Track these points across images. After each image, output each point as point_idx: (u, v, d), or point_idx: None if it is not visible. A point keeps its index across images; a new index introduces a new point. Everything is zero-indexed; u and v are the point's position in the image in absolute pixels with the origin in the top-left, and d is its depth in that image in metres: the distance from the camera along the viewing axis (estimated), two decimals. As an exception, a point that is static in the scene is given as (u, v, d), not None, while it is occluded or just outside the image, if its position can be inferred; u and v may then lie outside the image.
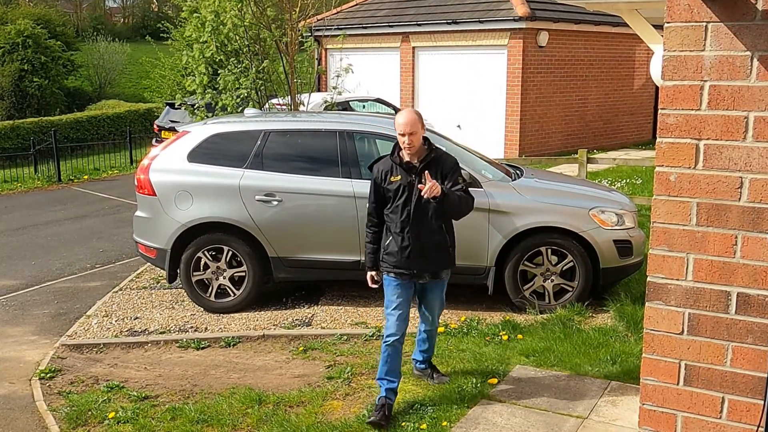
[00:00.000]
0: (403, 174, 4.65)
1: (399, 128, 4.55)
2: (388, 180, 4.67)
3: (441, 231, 4.73)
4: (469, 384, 5.14)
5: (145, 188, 7.16)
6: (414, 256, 4.67)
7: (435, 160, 4.67)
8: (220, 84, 10.37)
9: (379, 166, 4.76)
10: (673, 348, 2.60)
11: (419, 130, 4.57)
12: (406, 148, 4.58)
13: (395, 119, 4.58)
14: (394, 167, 4.68)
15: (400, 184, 4.64)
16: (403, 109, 4.63)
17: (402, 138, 4.56)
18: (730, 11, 2.35)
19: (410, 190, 4.62)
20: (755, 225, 2.41)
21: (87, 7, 44.52)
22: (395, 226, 4.68)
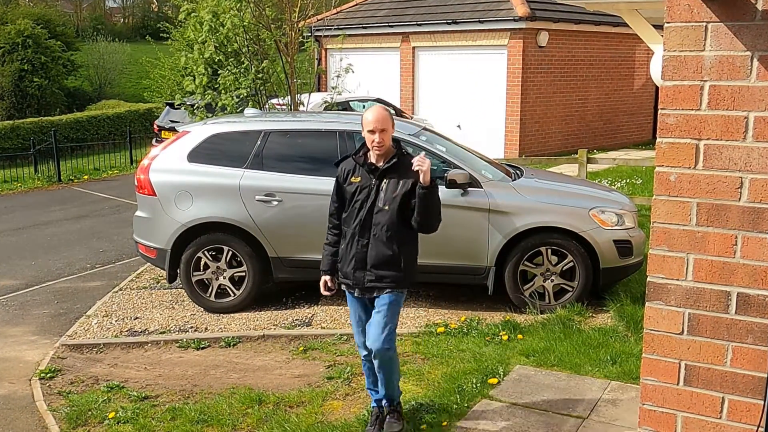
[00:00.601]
0: (364, 176, 4.26)
1: (368, 125, 4.12)
2: (348, 180, 4.31)
3: (392, 245, 4.22)
4: (469, 384, 5.14)
5: (145, 188, 7.16)
6: (357, 267, 4.27)
7: (402, 165, 4.21)
8: (219, 84, 10.37)
9: (344, 164, 4.40)
10: (673, 348, 2.60)
11: (390, 128, 4.17)
12: (374, 148, 4.16)
13: (363, 116, 4.18)
14: (357, 168, 4.30)
15: (358, 187, 4.25)
16: (371, 106, 4.27)
17: (371, 136, 4.14)
18: (730, 11, 2.35)
19: (367, 195, 4.21)
20: (755, 225, 2.41)
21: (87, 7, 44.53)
22: (348, 232, 4.30)
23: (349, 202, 4.28)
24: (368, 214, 4.20)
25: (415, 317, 6.84)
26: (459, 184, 6.66)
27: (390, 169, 4.21)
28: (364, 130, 4.16)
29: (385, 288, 4.28)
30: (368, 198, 4.21)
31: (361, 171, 4.28)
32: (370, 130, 4.13)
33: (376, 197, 4.20)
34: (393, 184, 4.19)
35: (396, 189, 4.18)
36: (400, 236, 4.25)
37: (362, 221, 4.22)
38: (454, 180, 6.63)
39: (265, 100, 10.53)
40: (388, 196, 4.19)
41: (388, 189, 4.19)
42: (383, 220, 4.19)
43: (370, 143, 4.16)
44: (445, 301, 7.25)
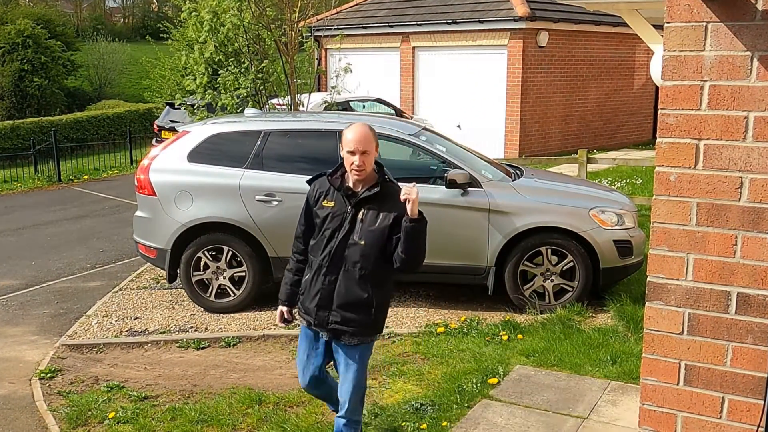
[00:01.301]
0: (339, 201, 3.70)
1: (348, 145, 3.59)
2: (319, 203, 3.75)
3: (365, 285, 3.68)
4: (469, 384, 5.14)
5: (145, 188, 7.16)
6: (320, 305, 3.70)
7: (385, 194, 3.67)
8: (219, 84, 10.38)
9: (317, 183, 3.84)
10: (673, 348, 2.60)
11: (373, 150, 3.64)
12: (353, 171, 3.61)
13: (343, 134, 3.65)
14: (331, 190, 3.74)
15: (330, 213, 3.69)
16: (353, 123, 3.71)
17: (350, 157, 3.59)
18: (730, 11, 2.35)
19: (340, 224, 3.66)
20: (755, 225, 2.40)
21: (87, 7, 44.53)
22: (314, 262, 3.75)
23: (319, 228, 3.74)
24: (340, 246, 3.65)
25: (415, 317, 6.84)
26: (459, 184, 6.66)
27: (370, 198, 3.66)
28: (343, 149, 3.63)
29: (351, 334, 3.72)
30: (341, 228, 3.66)
31: (336, 195, 3.71)
32: (350, 151, 3.59)
33: (351, 228, 3.65)
34: (372, 216, 3.64)
35: (375, 222, 3.64)
36: (376, 276, 3.70)
37: (332, 253, 3.66)
38: (454, 180, 6.63)
39: (265, 100, 10.54)
40: (365, 229, 3.64)
41: (366, 221, 3.64)
42: (357, 255, 3.64)
43: (349, 165, 3.62)
44: (445, 301, 7.25)
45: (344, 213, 3.67)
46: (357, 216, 3.66)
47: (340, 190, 3.71)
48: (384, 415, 4.78)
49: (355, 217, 3.66)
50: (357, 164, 3.59)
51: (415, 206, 3.54)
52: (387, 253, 3.66)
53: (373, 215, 3.65)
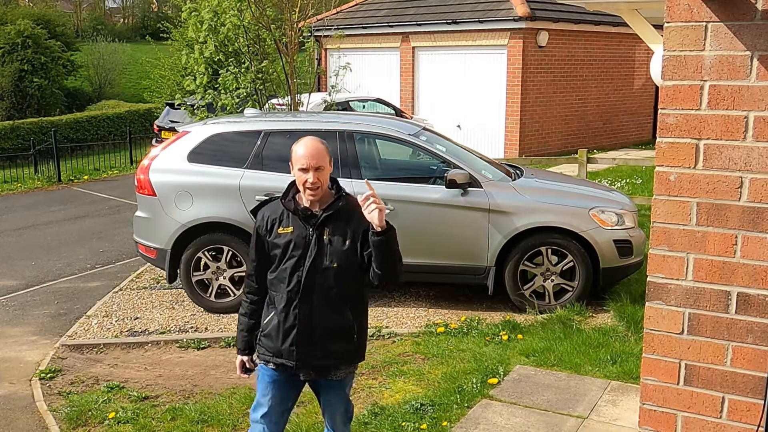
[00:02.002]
0: (298, 225, 3.32)
1: (299, 161, 3.24)
2: (275, 232, 3.35)
3: (343, 309, 3.32)
4: (469, 384, 5.14)
5: (145, 188, 7.16)
6: (300, 342, 3.30)
7: (345, 211, 3.32)
8: (220, 84, 10.38)
9: (265, 211, 3.43)
10: (673, 348, 2.60)
11: (327, 165, 3.29)
12: (308, 190, 3.26)
13: (293, 149, 3.30)
14: (285, 215, 3.36)
15: (291, 240, 3.30)
16: (302, 138, 3.35)
17: (303, 175, 3.24)
18: (729, 11, 2.35)
19: (305, 249, 3.28)
20: (755, 225, 2.40)
21: (87, 8, 44.55)
22: (279, 297, 3.33)
23: (280, 259, 3.32)
24: (310, 273, 3.27)
25: (415, 317, 6.84)
26: (459, 184, 6.66)
27: (333, 217, 3.31)
28: (294, 167, 3.28)
29: (338, 366, 3.39)
30: (308, 253, 3.28)
31: (293, 219, 3.34)
32: (302, 168, 3.23)
33: (319, 252, 3.28)
34: (340, 235, 3.29)
35: (345, 241, 3.28)
36: (353, 299, 3.37)
37: (302, 282, 3.27)
38: (454, 180, 6.63)
39: (265, 100, 10.54)
40: (335, 250, 3.27)
41: (335, 241, 3.28)
42: (331, 280, 3.28)
43: (302, 184, 3.26)
44: (445, 301, 7.25)
45: (307, 237, 3.29)
46: (322, 238, 3.29)
47: (297, 212, 3.32)
48: (384, 415, 4.78)
49: (320, 240, 3.29)
50: (311, 182, 3.22)
51: (383, 217, 3.14)
52: (361, 272, 3.31)
53: (341, 234, 3.29)
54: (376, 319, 6.78)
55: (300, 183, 3.28)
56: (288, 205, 3.37)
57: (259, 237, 3.42)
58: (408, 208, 6.79)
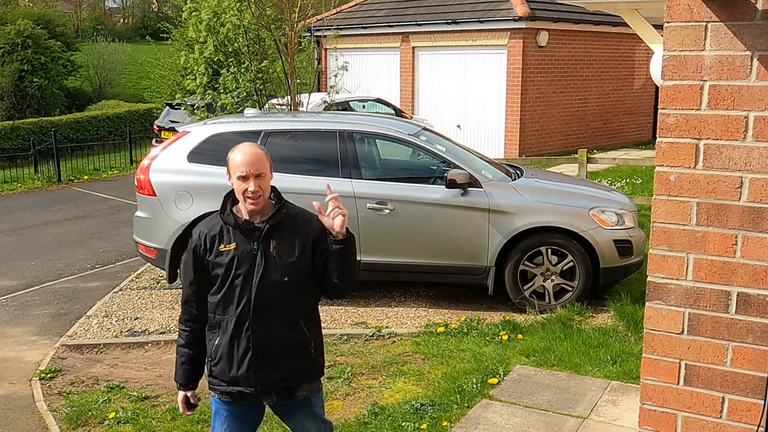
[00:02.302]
0: (241, 240, 3.04)
1: (237, 169, 2.99)
2: (215, 250, 3.05)
3: (299, 326, 3.09)
4: (469, 384, 5.14)
5: (145, 188, 7.16)
6: (257, 365, 3.03)
7: (290, 220, 3.11)
8: (220, 84, 10.38)
9: (202, 228, 3.13)
10: (673, 348, 2.59)
11: (268, 172, 3.08)
12: (249, 200, 3.01)
13: (230, 157, 3.06)
14: (225, 231, 3.07)
15: (234, 257, 3.03)
16: (238, 145, 3.11)
17: (242, 184, 2.99)
18: (729, 11, 2.34)
19: (252, 265, 3.02)
20: (755, 225, 2.40)
21: (87, 8, 44.56)
22: (228, 320, 3.05)
23: (224, 279, 3.04)
24: (260, 290, 3.01)
25: (415, 317, 6.84)
26: (459, 184, 6.66)
27: (277, 227, 3.07)
28: (232, 175, 3.03)
29: (300, 386, 3.16)
30: (255, 269, 3.02)
31: (234, 234, 3.06)
32: (242, 176, 2.98)
33: (267, 266, 3.02)
34: (288, 246, 3.05)
35: (294, 252, 3.04)
36: (307, 313, 3.17)
37: (252, 302, 3.00)
38: (454, 180, 6.63)
39: (264, 100, 10.54)
40: (283, 263, 3.03)
41: (282, 253, 3.03)
42: (284, 295, 3.03)
43: (242, 193, 3.01)
44: (445, 301, 7.25)
45: (252, 251, 3.02)
46: (269, 251, 3.03)
47: (238, 226, 3.05)
48: (384, 415, 4.78)
49: (266, 253, 3.03)
50: (252, 190, 2.98)
51: (345, 222, 3.00)
52: (313, 283, 3.11)
53: (288, 245, 3.05)
54: (376, 319, 6.78)
55: (239, 192, 3.02)
56: (227, 219, 3.07)
57: (196, 257, 3.09)
58: (408, 208, 6.79)
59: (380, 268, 6.92)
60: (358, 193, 6.79)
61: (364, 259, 6.87)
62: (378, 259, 6.86)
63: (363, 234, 6.82)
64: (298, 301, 3.09)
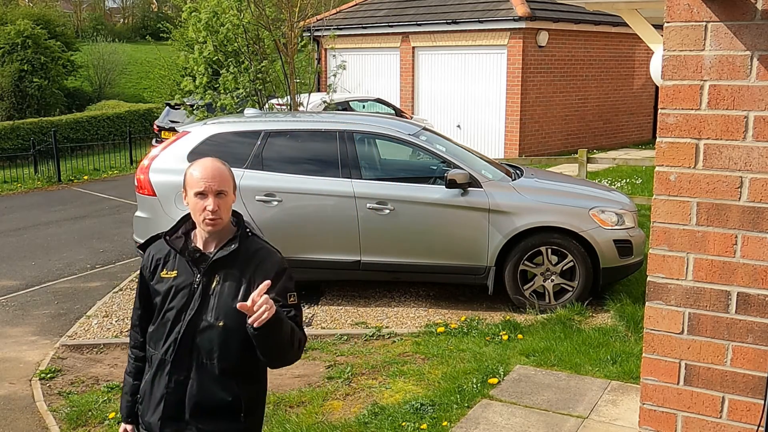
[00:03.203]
0: (184, 269, 2.63)
1: (195, 184, 2.57)
2: (157, 275, 2.67)
3: (228, 382, 2.60)
4: (469, 384, 5.14)
5: (145, 188, 7.16)
6: (167, 417, 2.61)
7: (248, 254, 2.63)
8: (220, 84, 10.38)
9: (152, 249, 2.74)
10: (673, 348, 2.59)
11: (231, 191, 2.65)
12: (206, 222, 2.57)
13: (188, 172, 2.63)
14: (172, 256, 2.66)
15: (173, 286, 2.63)
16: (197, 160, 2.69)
17: (200, 202, 2.56)
18: (729, 11, 2.34)
19: (187, 301, 2.60)
20: (755, 225, 2.40)
21: (87, 8, 44.55)
22: (155, 357, 2.66)
23: (159, 309, 2.65)
24: (188, 331, 2.58)
25: (415, 317, 6.84)
26: (459, 184, 6.66)
27: (227, 260, 2.60)
28: (188, 192, 2.61)
29: None
30: (189, 305, 2.59)
31: (179, 261, 2.64)
32: (199, 192, 2.56)
33: (202, 304, 2.58)
34: (231, 287, 2.59)
35: (237, 292, 2.57)
36: (242, 368, 2.63)
37: (178, 342, 2.59)
38: (454, 180, 6.64)
39: (264, 100, 10.54)
40: (223, 304, 2.57)
41: (223, 293, 2.58)
42: (214, 342, 2.57)
43: (200, 213, 2.57)
44: (445, 301, 7.25)
45: (192, 284, 2.60)
46: (210, 286, 2.59)
47: (184, 253, 2.63)
48: (384, 415, 4.78)
49: (207, 289, 2.59)
50: (211, 209, 2.54)
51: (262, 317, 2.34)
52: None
53: (233, 285, 2.58)
54: (376, 319, 6.78)
55: (196, 212, 2.58)
56: (173, 242, 2.65)
57: (143, 280, 2.74)
58: (408, 208, 6.80)
59: (380, 268, 6.92)
60: (358, 193, 6.79)
61: (364, 259, 6.87)
62: (378, 259, 6.87)
63: (363, 234, 6.83)
64: (233, 353, 2.58)
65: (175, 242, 2.68)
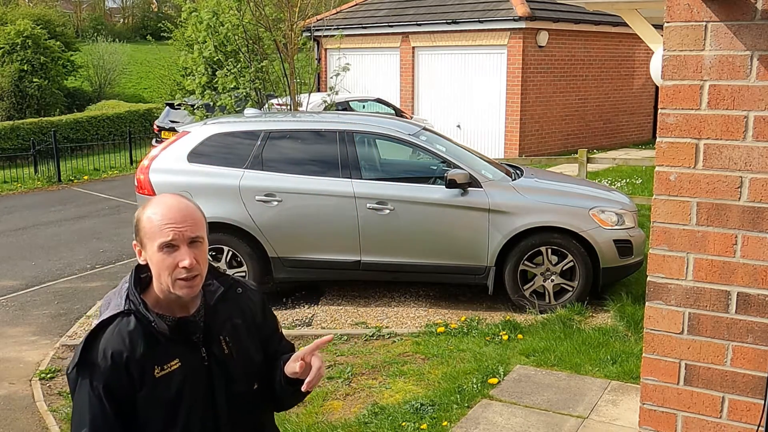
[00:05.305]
0: (180, 351, 1.95)
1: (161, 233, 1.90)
2: (148, 377, 1.90)
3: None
4: (469, 384, 5.14)
5: (145, 188, 7.16)
6: None
7: (235, 302, 2.10)
8: (218, 84, 10.38)
9: (109, 346, 1.89)
10: (673, 348, 2.59)
11: (205, 234, 2.02)
12: (181, 285, 1.91)
13: (143, 216, 1.95)
14: (154, 342, 1.91)
15: (181, 379, 1.94)
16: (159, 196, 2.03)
17: (167, 258, 1.90)
18: (729, 11, 2.34)
19: (209, 379, 1.99)
20: (755, 225, 2.40)
21: (87, 8, 44.56)
22: None
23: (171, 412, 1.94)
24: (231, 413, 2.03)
25: (415, 317, 6.84)
26: (459, 184, 6.66)
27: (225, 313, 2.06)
28: (148, 245, 1.93)
29: None
30: (215, 385, 2.00)
31: (170, 344, 1.94)
32: (167, 243, 1.90)
33: (224, 377, 2.01)
34: (243, 339, 2.08)
35: (249, 345, 2.09)
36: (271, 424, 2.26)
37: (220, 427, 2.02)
38: (454, 180, 6.64)
39: (264, 100, 10.54)
40: (242, 365, 2.05)
41: (240, 352, 2.05)
42: (248, 409, 2.08)
43: (168, 273, 1.90)
44: (445, 301, 7.25)
45: (200, 362, 1.98)
46: (222, 352, 2.02)
47: (177, 331, 1.95)
48: (384, 415, 4.78)
49: (219, 357, 2.01)
50: (187, 264, 1.89)
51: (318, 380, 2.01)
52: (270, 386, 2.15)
53: (243, 337, 2.08)
54: (376, 319, 6.78)
55: (163, 270, 1.90)
56: (157, 324, 1.91)
57: (111, 397, 1.87)
58: (408, 208, 6.80)
59: (380, 268, 6.92)
60: (358, 193, 6.79)
61: (364, 259, 6.87)
62: (378, 259, 6.87)
63: (363, 234, 6.83)
64: (266, 413, 2.21)
65: (157, 323, 1.91)
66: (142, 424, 1.92)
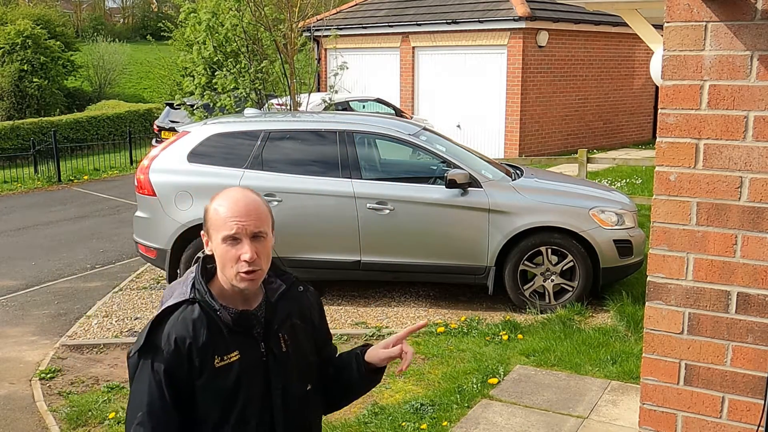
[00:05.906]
0: (240, 343, 1.96)
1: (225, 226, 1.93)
2: (210, 367, 1.92)
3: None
4: (469, 384, 5.14)
5: (145, 188, 7.16)
6: None
7: (295, 300, 2.13)
8: (217, 85, 10.38)
9: (174, 331, 1.92)
10: (673, 348, 2.59)
11: (270, 232, 2.05)
12: (242, 278, 1.93)
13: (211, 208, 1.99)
14: (217, 332, 1.94)
15: (237, 372, 1.95)
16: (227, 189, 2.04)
17: (231, 250, 1.92)
18: (729, 11, 2.34)
19: (266, 374, 2.00)
20: (755, 225, 2.40)
21: (87, 8, 44.57)
22: None
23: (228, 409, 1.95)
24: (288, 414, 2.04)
25: (415, 317, 6.84)
26: (459, 184, 6.66)
27: (288, 312, 2.09)
28: (214, 236, 1.96)
29: None
30: (273, 382, 2.01)
31: (231, 336, 1.95)
32: (231, 236, 1.92)
33: (281, 374, 2.02)
34: (300, 339, 2.10)
35: (307, 344, 2.13)
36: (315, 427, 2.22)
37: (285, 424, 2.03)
38: (454, 180, 6.64)
39: (264, 100, 10.54)
40: (300, 363, 2.08)
41: (296, 349, 2.06)
42: (299, 407, 2.08)
43: (231, 265, 1.93)
44: (445, 301, 7.25)
45: (260, 356, 1.99)
46: (281, 350, 2.03)
47: (236, 321, 1.96)
48: (384, 415, 4.78)
49: (278, 353, 2.02)
50: (248, 258, 1.91)
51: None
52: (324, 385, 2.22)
53: (302, 337, 2.10)
54: (376, 319, 6.78)
55: (226, 262, 1.93)
56: (221, 314, 1.95)
57: (170, 383, 1.91)
58: (408, 208, 6.80)
59: (380, 268, 6.92)
60: (358, 193, 6.79)
61: (364, 259, 6.87)
62: (378, 259, 6.87)
63: (363, 234, 6.83)
64: (318, 415, 2.22)
65: (221, 313, 1.95)
66: (200, 415, 1.94)
